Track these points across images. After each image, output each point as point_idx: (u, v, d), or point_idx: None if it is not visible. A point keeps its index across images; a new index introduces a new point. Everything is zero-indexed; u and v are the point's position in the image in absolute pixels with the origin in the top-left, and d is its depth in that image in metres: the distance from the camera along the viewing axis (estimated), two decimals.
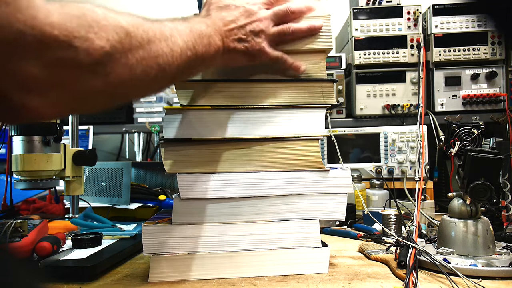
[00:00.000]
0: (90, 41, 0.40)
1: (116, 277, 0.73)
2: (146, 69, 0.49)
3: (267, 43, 0.70)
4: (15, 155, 0.97)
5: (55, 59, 0.39)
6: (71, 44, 0.39)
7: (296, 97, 0.76)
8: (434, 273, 0.72)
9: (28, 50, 0.37)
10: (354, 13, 1.60)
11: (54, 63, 0.39)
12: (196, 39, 0.58)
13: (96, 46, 0.41)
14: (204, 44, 0.60)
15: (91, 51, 0.41)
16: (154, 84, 0.54)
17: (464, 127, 0.86)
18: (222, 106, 0.74)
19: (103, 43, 0.42)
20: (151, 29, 0.50)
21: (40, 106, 0.41)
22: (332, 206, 0.76)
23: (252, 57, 0.70)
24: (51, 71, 0.39)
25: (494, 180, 0.77)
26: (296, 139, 0.75)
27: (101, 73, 0.43)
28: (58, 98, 0.42)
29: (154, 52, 0.49)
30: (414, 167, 1.44)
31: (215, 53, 0.63)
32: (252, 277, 0.72)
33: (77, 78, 0.42)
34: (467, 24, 1.56)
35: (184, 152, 0.73)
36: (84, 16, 0.41)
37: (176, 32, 0.54)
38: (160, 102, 1.83)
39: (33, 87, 0.39)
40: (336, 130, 1.51)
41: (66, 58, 0.39)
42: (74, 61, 0.40)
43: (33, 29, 0.36)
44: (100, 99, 0.47)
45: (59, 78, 0.40)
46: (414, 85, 1.57)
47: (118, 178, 1.23)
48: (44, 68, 0.39)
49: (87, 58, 0.41)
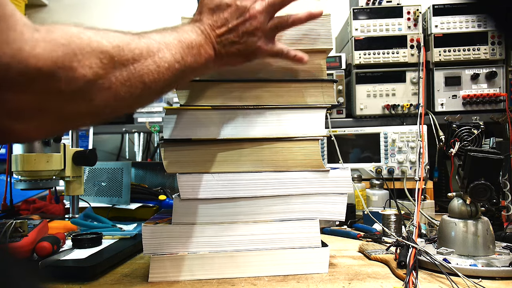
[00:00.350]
0: (73, 71, 0.41)
1: (116, 277, 0.73)
2: (131, 89, 0.49)
3: (264, 40, 0.66)
4: (15, 155, 0.97)
5: (39, 89, 0.40)
6: (55, 74, 0.40)
7: (296, 97, 0.76)
8: (434, 273, 0.72)
9: (14, 82, 0.38)
10: (354, 13, 1.60)
11: (39, 92, 0.40)
12: (185, 50, 0.57)
13: (79, 74, 0.42)
14: (194, 54, 0.58)
15: (74, 80, 0.42)
16: (139, 101, 0.55)
17: (464, 127, 0.86)
18: (222, 106, 0.74)
19: (86, 71, 0.43)
20: (137, 48, 0.50)
21: (25, 131, 0.42)
22: (332, 206, 0.76)
23: (249, 57, 0.67)
24: (35, 100, 0.41)
25: (494, 180, 0.77)
26: (296, 139, 0.75)
27: (85, 99, 0.44)
28: (42, 123, 0.44)
29: (139, 71, 0.50)
30: (414, 167, 1.44)
31: (206, 62, 0.62)
32: (252, 277, 0.72)
33: (60, 105, 0.43)
34: (467, 24, 1.56)
35: (184, 152, 0.73)
36: (69, 44, 0.41)
37: (164, 46, 0.54)
38: (160, 102, 1.83)
39: (18, 115, 0.41)
40: (336, 130, 1.51)
41: (49, 87, 0.40)
42: (58, 90, 0.41)
43: (19, 63, 0.37)
44: (85, 119, 0.49)
45: (43, 105, 0.42)
46: (414, 85, 1.57)
47: (118, 178, 1.23)
48: (29, 97, 0.40)
49: (70, 87, 0.42)
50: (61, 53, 0.40)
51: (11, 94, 0.39)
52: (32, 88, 0.39)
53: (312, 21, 0.73)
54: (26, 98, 0.40)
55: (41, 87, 0.40)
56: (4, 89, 0.38)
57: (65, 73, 0.41)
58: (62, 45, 0.41)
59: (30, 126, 0.43)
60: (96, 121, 0.51)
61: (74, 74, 0.41)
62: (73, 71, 0.41)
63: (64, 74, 0.41)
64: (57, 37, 0.41)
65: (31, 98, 0.40)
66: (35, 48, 0.39)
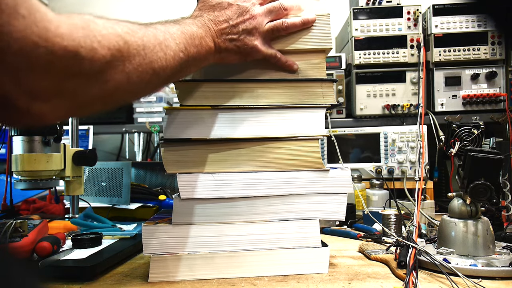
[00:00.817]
0: (94, 51, 0.43)
1: (116, 277, 0.73)
2: (142, 75, 0.50)
3: (260, 41, 0.70)
4: (15, 155, 0.97)
5: (61, 69, 0.41)
6: (78, 54, 0.41)
7: (296, 97, 0.76)
8: (434, 273, 0.72)
9: (40, 60, 0.39)
10: (354, 13, 1.60)
11: (60, 72, 0.41)
12: (188, 40, 0.59)
13: (99, 55, 0.43)
14: (196, 45, 0.61)
15: (94, 61, 0.43)
16: (148, 88, 0.56)
17: (464, 127, 0.86)
18: (222, 106, 0.74)
19: (105, 52, 0.44)
20: (145, 35, 0.51)
21: (42, 112, 0.43)
22: (332, 206, 0.76)
23: (245, 56, 0.70)
24: (57, 80, 0.41)
25: (494, 180, 0.77)
26: (296, 139, 0.75)
27: (101, 80, 0.45)
28: (59, 104, 0.44)
29: (149, 57, 0.51)
30: (414, 167, 1.44)
31: (207, 54, 0.64)
32: (252, 277, 0.72)
33: (77, 87, 0.44)
34: (467, 24, 1.56)
35: (184, 152, 0.73)
36: (88, 27, 0.43)
37: (169, 35, 0.56)
38: (160, 102, 1.83)
39: (39, 95, 0.41)
40: (336, 130, 1.51)
41: (72, 67, 0.41)
42: (78, 70, 0.42)
43: (46, 41, 0.38)
44: (97, 104, 0.49)
45: (62, 86, 0.42)
46: (414, 85, 1.57)
47: (118, 178, 1.23)
48: (52, 77, 0.41)
49: (91, 67, 0.43)
50: (81, 34, 0.41)
51: (34, 73, 0.39)
52: (56, 68, 0.40)
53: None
54: (48, 78, 0.40)
55: (63, 67, 0.41)
56: (28, 67, 0.38)
57: (87, 53, 0.42)
58: (82, 27, 0.42)
59: (48, 108, 0.43)
60: (105, 107, 0.52)
61: (95, 55, 0.43)
62: (94, 51, 0.42)
63: (86, 54, 0.42)
64: (77, 21, 0.42)
65: (52, 78, 0.41)
66: (59, 28, 0.39)
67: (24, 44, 0.36)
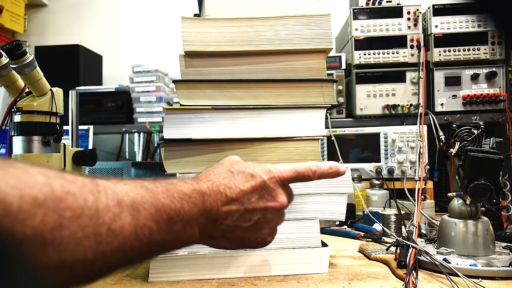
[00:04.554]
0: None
1: (116, 277, 0.73)
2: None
3: (272, 236, 0.54)
4: (15, 155, 0.97)
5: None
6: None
7: (296, 97, 0.76)
8: (434, 273, 0.72)
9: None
10: (354, 13, 1.60)
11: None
12: (160, 223, 0.40)
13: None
14: (173, 231, 0.41)
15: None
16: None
17: (464, 127, 0.86)
18: (222, 106, 0.74)
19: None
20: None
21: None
22: (332, 206, 0.76)
23: (241, 248, 0.52)
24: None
25: (494, 180, 0.77)
26: (296, 139, 0.75)
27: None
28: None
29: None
30: (414, 167, 1.44)
31: (187, 242, 0.45)
32: (252, 277, 0.72)
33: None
34: (467, 24, 1.56)
35: (184, 152, 0.73)
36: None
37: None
38: (160, 102, 1.83)
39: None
40: (336, 130, 1.51)
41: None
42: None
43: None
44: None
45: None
46: (414, 85, 1.57)
47: None
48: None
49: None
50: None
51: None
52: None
53: (312, 21, 0.74)
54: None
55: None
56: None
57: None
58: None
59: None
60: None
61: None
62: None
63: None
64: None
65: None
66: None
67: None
